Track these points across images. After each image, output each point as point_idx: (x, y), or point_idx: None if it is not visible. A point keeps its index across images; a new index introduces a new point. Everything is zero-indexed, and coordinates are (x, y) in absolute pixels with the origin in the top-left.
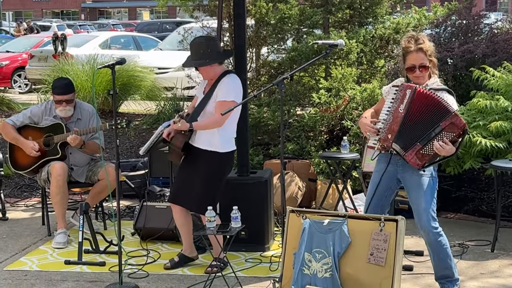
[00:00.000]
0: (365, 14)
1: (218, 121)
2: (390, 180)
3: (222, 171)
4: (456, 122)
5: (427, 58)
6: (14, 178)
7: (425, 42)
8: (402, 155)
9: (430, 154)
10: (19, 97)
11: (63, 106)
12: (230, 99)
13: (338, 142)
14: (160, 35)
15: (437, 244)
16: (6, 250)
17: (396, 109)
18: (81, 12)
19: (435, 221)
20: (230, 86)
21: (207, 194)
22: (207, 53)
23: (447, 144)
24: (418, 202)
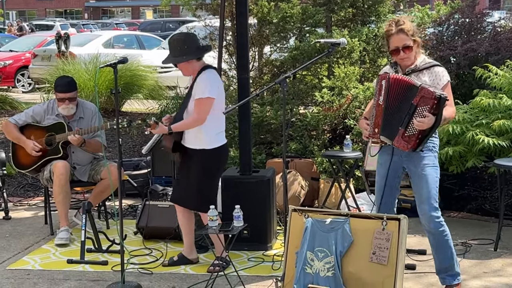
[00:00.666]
0: (368, 12)
1: (197, 119)
2: (396, 171)
3: (213, 167)
4: (425, 94)
5: (410, 38)
6: (17, 177)
7: (405, 23)
8: (392, 144)
9: (415, 133)
10: (22, 96)
11: (65, 104)
12: (205, 96)
13: (341, 141)
14: (163, 34)
15: (438, 233)
16: (9, 249)
17: (377, 102)
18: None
19: (437, 210)
20: (205, 83)
21: (201, 191)
22: (184, 50)
23: (425, 117)
24: (420, 191)
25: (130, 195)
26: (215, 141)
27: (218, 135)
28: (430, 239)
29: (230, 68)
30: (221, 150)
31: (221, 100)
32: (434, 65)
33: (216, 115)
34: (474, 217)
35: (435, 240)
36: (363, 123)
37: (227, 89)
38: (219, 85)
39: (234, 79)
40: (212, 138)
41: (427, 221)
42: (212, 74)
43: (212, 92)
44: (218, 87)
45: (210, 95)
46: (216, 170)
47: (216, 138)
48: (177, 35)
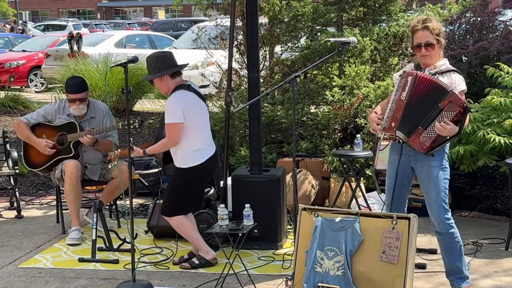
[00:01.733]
0: (379, 11)
1: (167, 143)
2: (405, 170)
3: (186, 185)
4: (454, 101)
5: (434, 37)
6: (29, 177)
7: (432, 21)
8: (406, 141)
9: (433, 136)
10: (35, 96)
11: (76, 105)
12: (170, 122)
13: (351, 140)
14: (175, 34)
15: (448, 235)
16: (21, 247)
17: (398, 97)
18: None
19: (447, 212)
20: (167, 108)
21: (170, 201)
22: (157, 67)
23: (448, 124)
24: (429, 194)
25: (141, 194)
26: (190, 160)
27: (196, 152)
28: (439, 240)
29: (241, 67)
30: (200, 169)
31: (194, 120)
32: (454, 71)
33: (192, 135)
34: (485, 216)
35: (445, 241)
36: (373, 117)
37: (237, 88)
38: (186, 106)
39: (245, 79)
40: (188, 158)
41: (437, 223)
42: (176, 96)
43: (176, 117)
44: (184, 109)
45: (174, 120)
46: (187, 189)
47: (192, 158)
48: (152, 54)
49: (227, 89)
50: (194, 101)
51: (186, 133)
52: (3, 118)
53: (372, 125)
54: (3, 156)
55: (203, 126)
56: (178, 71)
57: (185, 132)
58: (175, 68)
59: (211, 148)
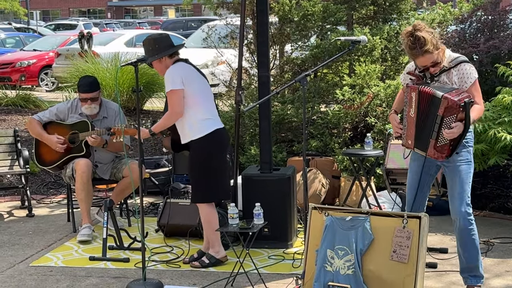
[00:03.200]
0: (389, 10)
1: (171, 113)
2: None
3: (205, 156)
4: (449, 104)
5: (435, 53)
6: (40, 175)
7: (426, 41)
8: (426, 156)
9: (446, 143)
10: (45, 95)
11: (88, 104)
12: (168, 90)
13: (362, 139)
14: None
15: (467, 231)
16: (32, 246)
17: (408, 113)
18: (107, 11)
19: (468, 207)
20: (166, 78)
21: (197, 182)
22: (155, 49)
23: (454, 127)
24: (453, 187)
25: (151, 193)
26: (201, 130)
27: (204, 122)
28: (457, 236)
29: (251, 66)
30: (210, 137)
31: (195, 88)
32: (461, 62)
33: (195, 104)
34: (496, 215)
35: (462, 237)
36: (394, 121)
37: (247, 87)
38: (184, 74)
39: (255, 77)
40: (198, 128)
41: (457, 217)
42: (174, 67)
43: (175, 84)
44: (183, 77)
45: (173, 87)
46: (208, 158)
47: (202, 127)
48: (149, 36)
49: (237, 88)
50: (192, 70)
51: (188, 103)
52: (14, 117)
53: (394, 129)
54: (14, 155)
55: (207, 96)
56: (175, 52)
57: (188, 102)
58: (173, 49)
59: (218, 119)
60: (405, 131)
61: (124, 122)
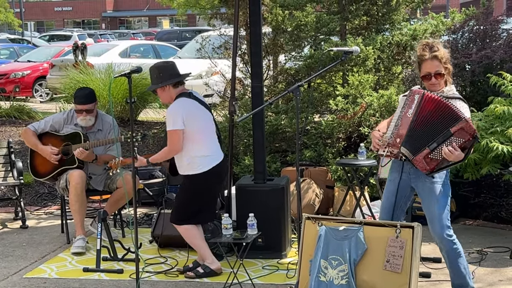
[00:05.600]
0: (382, 20)
1: (169, 151)
2: (404, 189)
3: (196, 192)
4: (466, 128)
5: (442, 65)
6: (34, 187)
7: (439, 49)
8: (410, 159)
9: (439, 159)
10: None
11: (83, 116)
12: (170, 129)
13: (355, 149)
14: (179, 44)
15: (452, 251)
16: (25, 257)
17: (404, 114)
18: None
19: (449, 229)
20: (168, 115)
21: (181, 205)
22: (160, 77)
23: (456, 150)
24: (431, 210)
25: (145, 204)
26: (199, 166)
27: (202, 159)
28: (443, 255)
29: (245, 76)
30: (207, 174)
31: (195, 125)
32: (459, 99)
33: (195, 141)
34: (490, 224)
35: (448, 257)
36: (376, 133)
37: (241, 97)
38: (186, 113)
39: (249, 88)
40: (196, 164)
41: (439, 240)
42: (176, 104)
43: (176, 123)
44: (184, 116)
45: (174, 127)
46: (201, 191)
47: (200, 163)
48: (155, 64)
49: (231, 98)
50: (195, 107)
51: (189, 140)
52: (8, 128)
53: (373, 141)
54: (8, 166)
55: (208, 132)
56: (180, 81)
57: (188, 139)
58: (177, 78)
59: (218, 155)
60: (395, 130)
61: (118, 135)
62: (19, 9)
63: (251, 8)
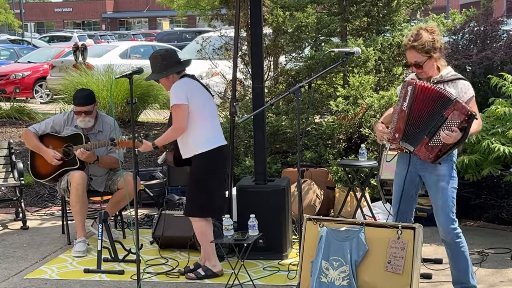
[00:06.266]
0: (383, 21)
1: (174, 129)
2: (413, 180)
3: (206, 171)
4: (459, 109)
5: (421, 55)
6: (34, 187)
7: (420, 38)
8: (412, 151)
9: (439, 145)
10: (40, 107)
11: (82, 117)
12: (173, 104)
13: (356, 150)
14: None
15: (455, 245)
16: (26, 258)
17: (400, 108)
18: (102, 23)
19: (454, 222)
20: (172, 91)
21: (195, 196)
22: (163, 65)
23: (453, 132)
24: (437, 202)
25: (146, 205)
26: (205, 144)
27: (208, 137)
28: (446, 249)
29: (246, 77)
30: (214, 153)
31: (199, 103)
32: (459, 79)
33: (199, 119)
34: (490, 226)
35: (452, 251)
36: (379, 126)
37: (242, 98)
38: (190, 91)
39: (250, 89)
40: (202, 143)
41: (443, 232)
42: (180, 82)
43: (180, 98)
44: (188, 92)
45: (177, 101)
46: (209, 173)
47: (207, 142)
48: (156, 53)
49: (232, 99)
50: (198, 87)
51: (193, 118)
52: (9, 129)
53: (378, 135)
54: (8, 167)
55: (211, 114)
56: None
57: (192, 117)
58: (181, 66)
59: (221, 138)
60: (394, 125)
61: (119, 136)
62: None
63: (252, 9)
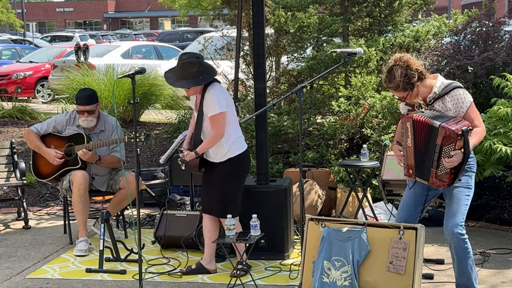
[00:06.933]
0: (385, 22)
1: (216, 136)
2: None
3: (238, 174)
4: (447, 133)
5: (400, 92)
6: (36, 187)
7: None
8: (427, 184)
9: (447, 171)
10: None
11: (85, 117)
12: (217, 112)
13: (358, 150)
14: (181, 45)
15: (461, 250)
16: (28, 258)
17: (406, 144)
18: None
19: (461, 228)
20: (213, 99)
21: (231, 195)
22: (200, 71)
23: (453, 156)
24: (449, 207)
25: (148, 205)
26: (237, 148)
27: (237, 140)
28: (451, 253)
29: (248, 78)
30: (243, 157)
31: (232, 108)
32: (454, 88)
33: (231, 123)
34: (492, 226)
35: (457, 256)
36: (396, 150)
37: (244, 99)
38: (225, 96)
39: (251, 89)
40: (234, 146)
41: (450, 237)
42: (216, 89)
43: (221, 106)
44: (225, 98)
45: (221, 109)
46: (237, 177)
47: (237, 145)
48: (189, 58)
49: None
50: (227, 92)
51: (228, 123)
52: (11, 129)
53: (398, 159)
54: (10, 166)
55: (235, 116)
56: None
57: (227, 122)
58: (215, 74)
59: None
60: (405, 161)
61: (121, 136)
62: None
63: (254, 9)
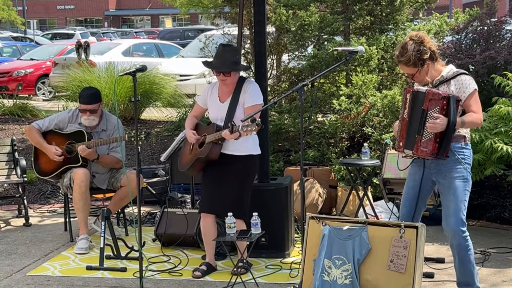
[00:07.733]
0: (386, 21)
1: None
2: (426, 183)
3: (254, 172)
4: (433, 97)
5: (410, 68)
6: (37, 184)
7: (406, 53)
8: (414, 155)
9: (431, 137)
10: (42, 105)
11: (87, 115)
12: (260, 102)
13: (358, 149)
14: (182, 43)
15: (462, 248)
16: (29, 255)
17: (401, 116)
18: (104, 20)
19: (463, 225)
20: (256, 90)
21: (245, 196)
22: (238, 61)
23: (436, 119)
24: (448, 205)
25: (148, 202)
26: (257, 147)
27: (256, 139)
28: (453, 251)
29: (249, 76)
30: (258, 158)
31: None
32: (460, 74)
33: None
34: (493, 225)
35: (458, 254)
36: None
37: None
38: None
39: None
40: (256, 144)
41: (451, 235)
42: (256, 84)
43: (261, 98)
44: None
45: (261, 101)
46: (252, 178)
47: (257, 144)
48: (231, 47)
49: None
50: None
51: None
52: (12, 126)
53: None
54: (11, 164)
55: None
56: None
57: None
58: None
59: None
60: (399, 134)
61: (122, 135)
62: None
63: (256, 7)
